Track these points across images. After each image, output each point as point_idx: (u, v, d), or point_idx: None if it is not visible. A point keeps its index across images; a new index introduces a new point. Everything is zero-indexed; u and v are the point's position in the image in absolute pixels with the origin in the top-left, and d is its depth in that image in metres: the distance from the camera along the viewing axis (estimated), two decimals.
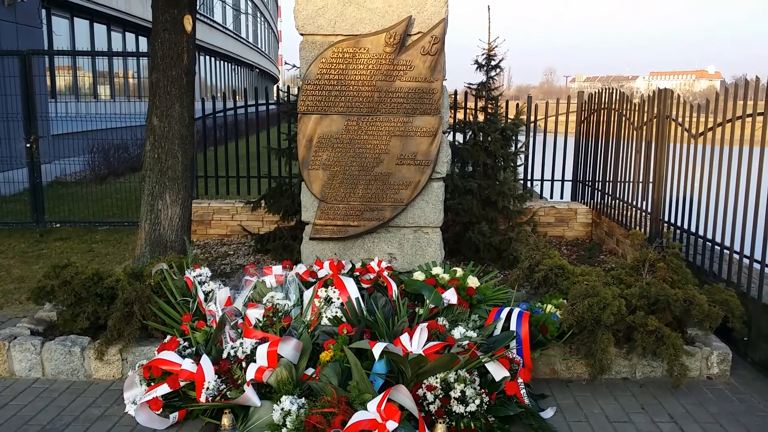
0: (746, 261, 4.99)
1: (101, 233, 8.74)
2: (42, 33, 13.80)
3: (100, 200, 10.05)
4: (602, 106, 7.95)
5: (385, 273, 4.93)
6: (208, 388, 3.77)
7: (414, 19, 5.12)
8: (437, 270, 4.94)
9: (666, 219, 6.31)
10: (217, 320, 4.31)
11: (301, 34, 5.21)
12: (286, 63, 7.45)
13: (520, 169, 7.96)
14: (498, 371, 3.88)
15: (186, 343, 4.19)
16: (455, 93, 7.96)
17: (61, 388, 4.27)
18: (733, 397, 4.21)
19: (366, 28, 5.14)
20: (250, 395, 3.65)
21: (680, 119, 6.01)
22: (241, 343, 3.98)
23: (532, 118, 8.71)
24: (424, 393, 3.65)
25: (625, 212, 7.19)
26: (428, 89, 5.15)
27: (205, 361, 3.88)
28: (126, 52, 18.93)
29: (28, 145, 8.84)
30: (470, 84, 7.33)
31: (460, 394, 3.63)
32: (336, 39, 5.15)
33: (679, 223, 6.03)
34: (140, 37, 20.22)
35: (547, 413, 3.95)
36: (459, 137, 7.51)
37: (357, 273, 4.96)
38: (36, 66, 9.12)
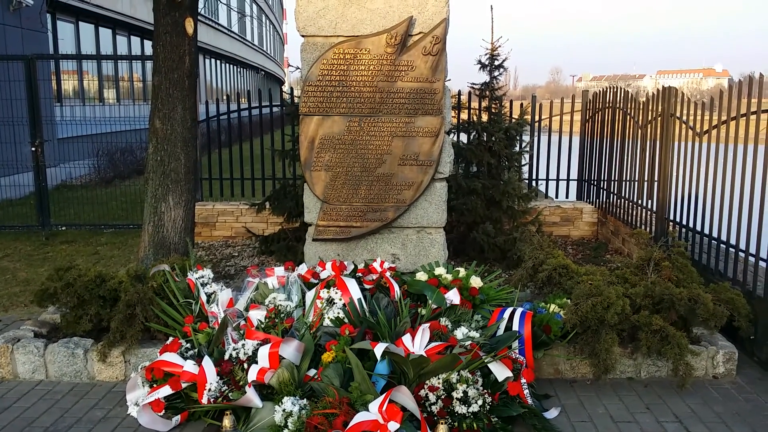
0: (752, 259, 4.95)
1: (107, 236, 8.77)
2: (47, 37, 13.88)
3: (105, 203, 10.09)
4: (607, 105, 7.92)
5: (388, 273, 4.91)
6: (209, 390, 3.76)
7: (415, 19, 5.11)
8: (440, 270, 4.92)
9: (671, 217, 6.28)
10: (219, 322, 4.30)
11: (303, 36, 5.21)
12: (290, 65, 7.47)
13: (525, 169, 7.94)
14: (501, 371, 3.86)
15: (188, 345, 4.19)
16: (458, 93, 7.95)
17: (64, 390, 4.28)
18: (739, 397, 4.17)
19: (367, 29, 5.13)
20: (252, 396, 3.64)
21: (685, 117, 5.97)
22: (243, 345, 3.98)
23: (537, 118, 8.68)
24: (426, 394, 3.64)
25: (630, 211, 7.16)
26: (430, 89, 5.14)
27: (207, 362, 3.87)
28: (131, 56, 19.00)
29: (33, 148, 8.88)
30: (474, 84, 7.32)
31: (462, 395, 3.62)
32: (337, 40, 5.14)
33: (684, 222, 6.00)
34: (145, 41, 20.32)
35: (551, 413, 3.92)
36: (463, 137, 7.49)
37: (359, 274, 4.95)
38: (41, 70, 9.17)
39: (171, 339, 4.26)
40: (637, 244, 5.92)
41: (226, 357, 3.98)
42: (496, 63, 7.12)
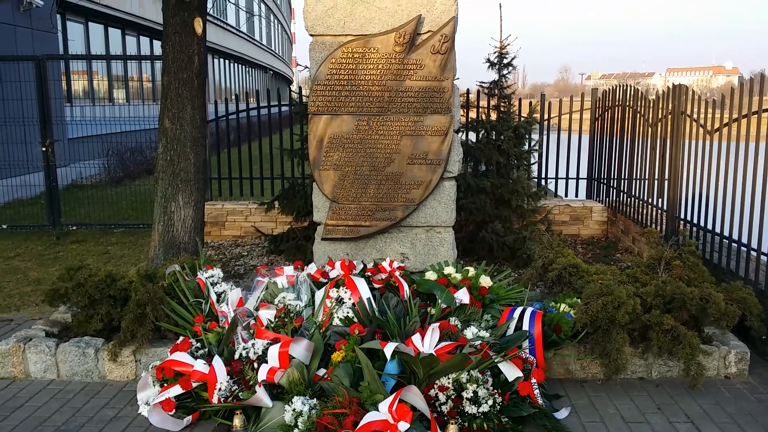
0: (764, 258, 4.91)
1: (117, 235, 8.81)
2: (57, 38, 13.95)
3: (115, 203, 10.15)
4: (616, 103, 7.87)
5: (397, 273, 4.91)
6: (220, 389, 3.77)
7: (423, 17, 5.10)
8: (449, 269, 4.91)
9: (682, 216, 6.24)
10: (229, 321, 4.31)
11: (311, 35, 5.21)
12: (298, 64, 7.47)
13: (534, 168, 7.91)
14: (511, 371, 3.85)
15: (198, 344, 4.20)
16: (467, 92, 7.92)
17: (76, 390, 4.30)
18: (752, 397, 4.14)
19: (375, 28, 5.12)
20: (262, 396, 3.65)
21: (695, 115, 5.93)
22: (253, 344, 3.98)
23: (546, 116, 8.65)
24: (436, 393, 3.63)
25: (640, 210, 7.12)
26: (439, 88, 5.13)
27: (217, 362, 3.88)
28: (140, 56, 19.08)
29: (44, 148, 8.94)
30: (482, 82, 7.30)
31: (472, 395, 3.60)
32: (346, 39, 5.14)
33: (695, 221, 5.96)
34: (154, 41, 20.39)
35: (562, 414, 3.90)
36: (472, 136, 7.47)
37: (368, 273, 4.95)
38: (51, 70, 9.22)
39: (181, 338, 4.27)
40: (647, 243, 5.89)
41: (236, 356, 3.99)
42: (505, 61, 7.09)
